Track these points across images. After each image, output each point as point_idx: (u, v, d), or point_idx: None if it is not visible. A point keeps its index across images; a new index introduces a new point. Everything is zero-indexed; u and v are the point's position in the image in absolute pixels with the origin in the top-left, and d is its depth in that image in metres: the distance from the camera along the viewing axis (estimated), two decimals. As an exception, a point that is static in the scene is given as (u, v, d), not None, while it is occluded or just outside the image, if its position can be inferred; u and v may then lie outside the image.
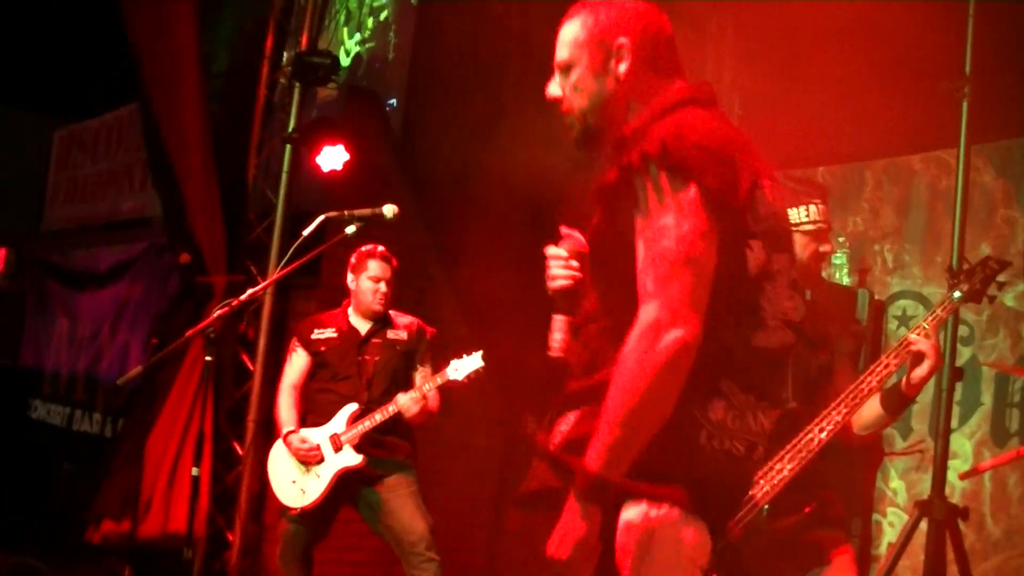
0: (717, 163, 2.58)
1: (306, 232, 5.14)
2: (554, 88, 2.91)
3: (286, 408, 5.95)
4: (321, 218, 5.24)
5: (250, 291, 5.09)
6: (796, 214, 4.08)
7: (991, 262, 4.06)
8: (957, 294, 3.98)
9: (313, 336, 5.99)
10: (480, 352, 5.64)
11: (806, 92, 6.72)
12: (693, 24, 7.83)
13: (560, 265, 3.02)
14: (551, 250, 3.05)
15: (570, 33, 2.87)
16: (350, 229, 5.35)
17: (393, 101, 8.17)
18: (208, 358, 4.94)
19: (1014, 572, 5.59)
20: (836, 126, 6.68)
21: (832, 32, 6.37)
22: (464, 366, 5.63)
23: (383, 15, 8.65)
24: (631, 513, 2.58)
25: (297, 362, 6.02)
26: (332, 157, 7.30)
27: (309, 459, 5.73)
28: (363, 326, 5.98)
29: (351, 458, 5.69)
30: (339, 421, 5.76)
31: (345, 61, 8.96)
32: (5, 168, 12.26)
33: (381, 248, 5.95)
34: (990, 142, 6.05)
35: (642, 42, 2.82)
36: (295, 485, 5.79)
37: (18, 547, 9.00)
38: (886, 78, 6.09)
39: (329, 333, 5.98)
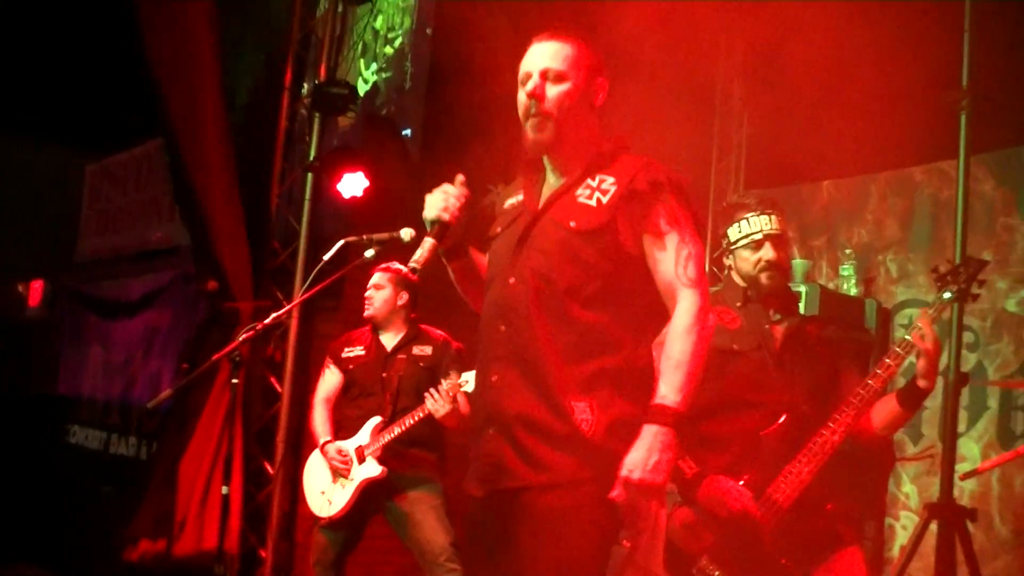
0: None
1: (326, 257, 5.18)
2: (539, 89, 3.23)
3: (320, 421, 6.02)
4: (341, 243, 5.28)
5: (273, 315, 5.12)
6: (735, 230, 4.14)
7: (971, 261, 4.10)
8: (948, 294, 4.01)
9: (343, 354, 6.06)
10: None
11: (811, 109, 6.74)
12: (705, 45, 7.88)
13: (453, 201, 3.27)
14: (447, 186, 3.33)
15: (567, 51, 3.27)
16: (369, 253, 5.39)
17: (407, 132, 8.21)
18: (234, 380, 4.96)
19: (1022, 571, 5.58)
20: (840, 141, 6.70)
21: (836, 51, 6.40)
22: (474, 378, 5.62)
23: (397, 43, 8.71)
24: None
25: (330, 378, 6.09)
26: (352, 184, 7.34)
27: (342, 470, 5.78)
28: (390, 342, 6.01)
29: (373, 469, 5.73)
30: (364, 434, 5.82)
31: (363, 90, 9.01)
32: (40, 202, 12.38)
33: (387, 264, 5.98)
34: (989, 152, 6.06)
35: (609, 85, 3.34)
36: (323, 496, 5.86)
37: (60, 567, 9.09)
38: (887, 93, 6.12)
39: (358, 351, 6.03)
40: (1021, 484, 5.74)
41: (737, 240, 4.13)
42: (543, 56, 3.26)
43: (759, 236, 4.11)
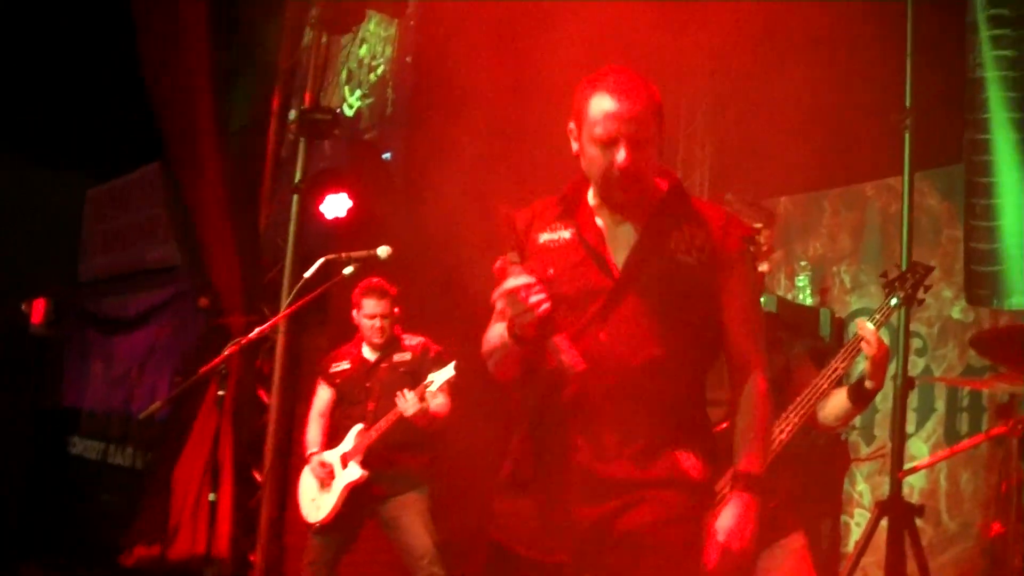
0: None
1: (307, 274, 5.19)
2: (630, 161, 2.88)
3: (312, 433, 6.07)
4: (320, 261, 5.29)
5: (257, 329, 5.12)
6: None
7: (918, 267, 4.09)
8: (894, 300, 4.01)
9: (332, 370, 6.11)
10: (453, 363, 5.65)
11: (769, 130, 6.77)
12: (670, 77, 7.90)
13: (538, 290, 2.76)
14: (521, 279, 2.78)
15: (649, 111, 2.90)
16: (347, 270, 5.44)
17: (387, 155, 8.22)
18: (220, 393, 4.96)
19: (968, 562, 5.61)
20: (796, 160, 6.72)
21: (791, 77, 6.43)
22: (438, 377, 5.65)
23: (380, 71, 8.73)
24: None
25: (322, 394, 6.13)
26: (336, 205, 7.33)
27: (324, 479, 5.78)
28: (372, 354, 6.03)
29: (354, 473, 5.75)
30: (348, 440, 5.84)
31: (349, 113, 9.03)
32: (44, 224, 12.34)
33: (375, 281, 5.95)
34: (934, 169, 6.09)
35: None
36: (314, 503, 5.88)
37: (62, 570, 9.07)
38: (838, 115, 6.15)
39: (344, 365, 6.07)
40: (967, 481, 5.77)
41: None
42: (630, 121, 2.88)
43: (764, 248, 4.11)
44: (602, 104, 2.90)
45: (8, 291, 11.57)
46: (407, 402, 5.58)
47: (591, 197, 3.06)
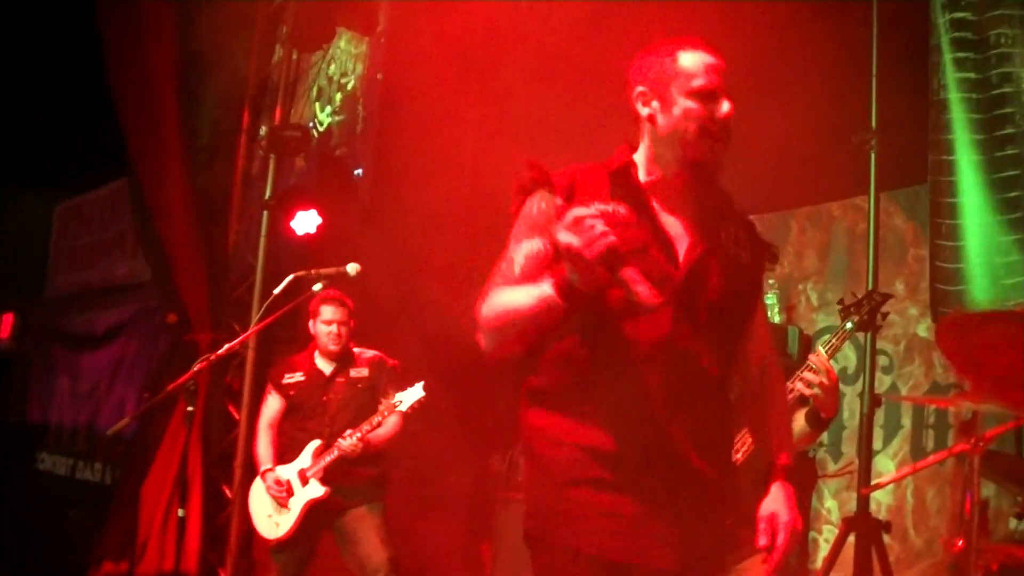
0: None
1: (276, 291, 5.17)
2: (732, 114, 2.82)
3: (263, 447, 5.97)
4: (290, 277, 5.28)
5: (226, 346, 5.09)
6: None
7: (875, 295, 4.13)
8: (849, 324, 4.05)
9: (284, 380, 6.00)
10: (421, 383, 5.63)
11: (736, 151, 6.77)
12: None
13: (603, 221, 2.42)
14: (585, 209, 2.43)
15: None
16: (317, 287, 5.42)
17: (359, 171, 8.21)
18: (189, 409, 4.94)
19: (934, 578, 5.64)
20: (763, 179, 6.74)
21: (758, 97, 6.45)
22: (407, 397, 5.63)
23: (350, 88, 8.71)
24: None
25: (272, 404, 6.04)
26: (305, 222, 7.32)
27: (281, 498, 5.72)
28: (327, 367, 5.97)
29: (316, 490, 5.70)
30: (306, 456, 5.77)
31: (320, 130, 9.01)
32: (12, 240, 12.26)
33: (334, 291, 5.91)
34: (899, 188, 6.13)
35: None
36: (271, 519, 5.81)
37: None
38: (806, 135, 6.16)
39: (298, 376, 5.98)
40: (932, 498, 5.79)
41: None
42: (720, 75, 2.80)
43: None
44: (699, 58, 2.82)
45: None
46: (347, 448, 5.58)
47: (642, 175, 2.86)
